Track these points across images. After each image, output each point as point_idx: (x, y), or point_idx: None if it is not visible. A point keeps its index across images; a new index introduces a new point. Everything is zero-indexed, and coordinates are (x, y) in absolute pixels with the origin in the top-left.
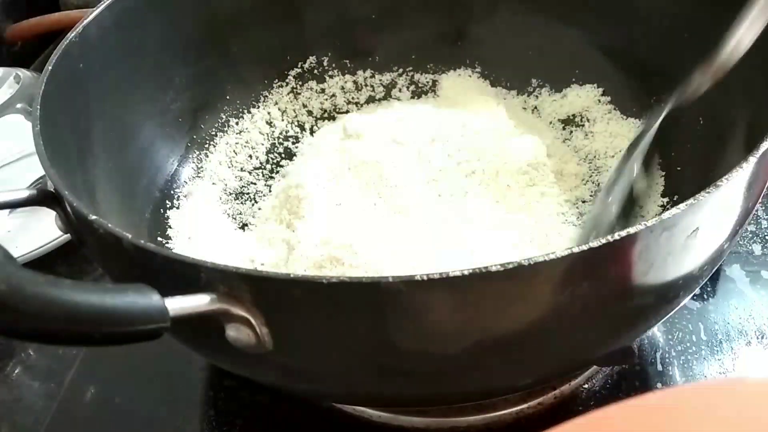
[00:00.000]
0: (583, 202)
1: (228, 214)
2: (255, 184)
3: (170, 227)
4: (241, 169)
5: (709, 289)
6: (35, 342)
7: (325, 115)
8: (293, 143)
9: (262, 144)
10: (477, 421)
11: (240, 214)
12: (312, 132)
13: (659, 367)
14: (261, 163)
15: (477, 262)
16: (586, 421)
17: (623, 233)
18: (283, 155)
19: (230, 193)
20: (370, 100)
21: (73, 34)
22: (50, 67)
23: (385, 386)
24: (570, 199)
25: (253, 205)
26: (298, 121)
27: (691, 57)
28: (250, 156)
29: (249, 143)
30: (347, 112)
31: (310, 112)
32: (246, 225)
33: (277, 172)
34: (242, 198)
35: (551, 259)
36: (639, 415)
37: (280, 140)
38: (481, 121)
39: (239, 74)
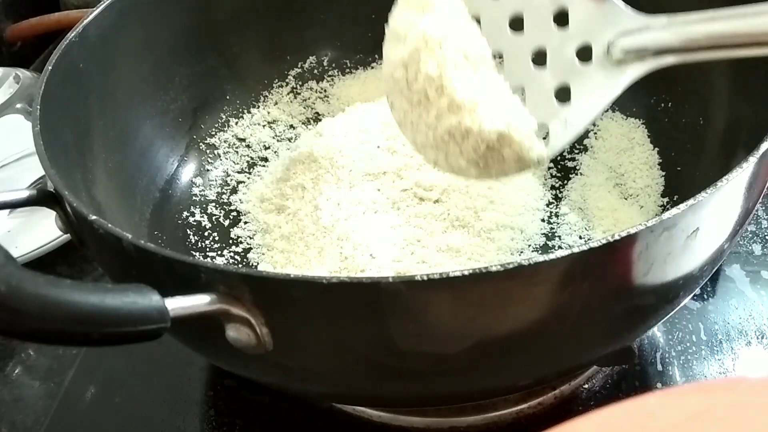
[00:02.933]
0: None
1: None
2: (255, 183)
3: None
4: (241, 169)
5: (709, 289)
6: (35, 342)
7: (325, 115)
8: (293, 143)
9: (262, 144)
10: (477, 421)
11: (237, 212)
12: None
13: (659, 367)
14: (260, 162)
15: None
16: (586, 421)
17: (623, 233)
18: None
19: (229, 192)
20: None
21: (73, 34)
22: (50, 67)
23: (385, 386)
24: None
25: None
26: (298, 121)
27: None
28: (250, 156)
29: (249, 143)
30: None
31: (310, 112)
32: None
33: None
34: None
35: (551, 259)
36: (639, 415)
37: (280, 140)
38: None
39: (239, 74)
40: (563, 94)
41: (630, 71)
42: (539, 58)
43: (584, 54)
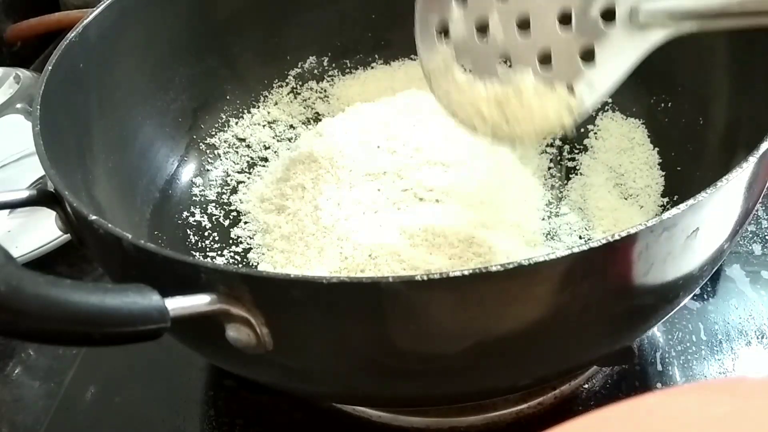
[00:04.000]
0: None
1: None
2: (255, 183)
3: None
4: (241, 169)
5: (709, 289)
6: (35, 342)
7: (325, 115)
8: (293, 143)
9: (262, 144)
10: (477, 421)
11: (237, 212)
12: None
13: (659, 367)
14: (260, 162)
15: None
16: (586, 421)
17: (623, 233)
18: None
19: (229, 192)
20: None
21: (73, 34)
22: (50, 67)
23: (385, 386)
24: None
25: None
26: (298, 121)
27: (691, 57)
28: (250, 156)
29: (249, 143)
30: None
31: (310, 112)
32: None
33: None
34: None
35: (551, 259)
36: (639, 415)
37: (280, 140)
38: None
39: (239, 74)
40: (588, 57)
41: (652, 35)
42: (565, 20)
43: (609, 17)
